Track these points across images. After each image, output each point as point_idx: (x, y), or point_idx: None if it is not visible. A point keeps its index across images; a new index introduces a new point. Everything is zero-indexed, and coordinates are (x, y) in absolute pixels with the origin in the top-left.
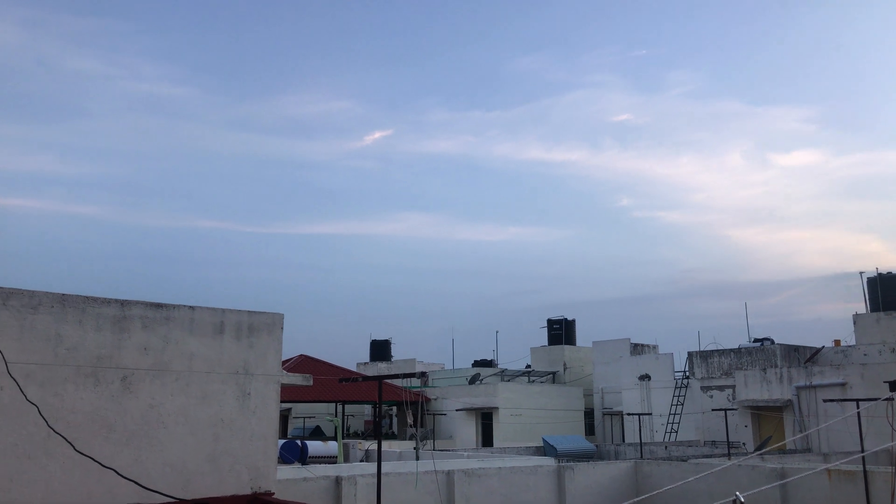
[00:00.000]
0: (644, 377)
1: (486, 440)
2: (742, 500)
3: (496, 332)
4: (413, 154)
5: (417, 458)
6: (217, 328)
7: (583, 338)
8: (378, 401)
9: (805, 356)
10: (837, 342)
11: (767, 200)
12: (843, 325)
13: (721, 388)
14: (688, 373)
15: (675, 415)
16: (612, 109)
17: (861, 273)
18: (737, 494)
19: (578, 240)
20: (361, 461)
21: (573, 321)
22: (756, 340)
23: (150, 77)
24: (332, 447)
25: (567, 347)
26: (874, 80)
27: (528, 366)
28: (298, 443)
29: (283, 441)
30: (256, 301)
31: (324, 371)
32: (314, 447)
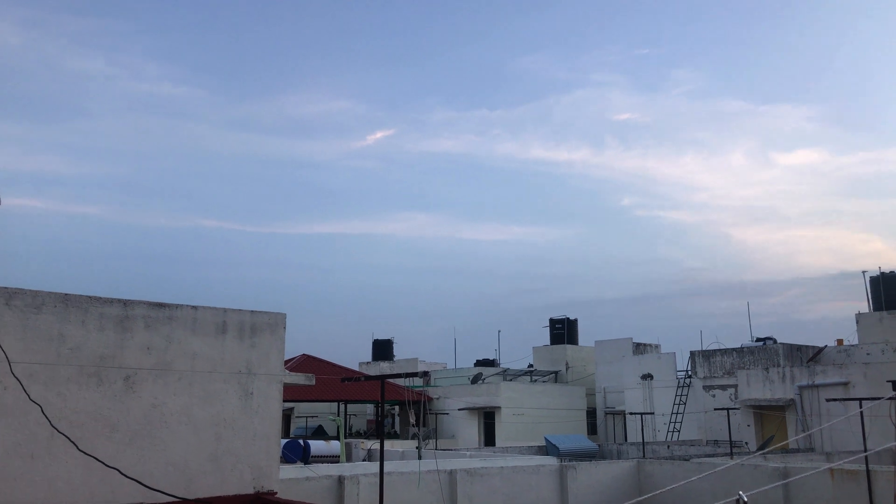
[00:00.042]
0: (646, 376)
1: (489, 440)
2: (745, 500)
3: (498, 332)
4: (415, 153)
5: (420, 458)
6: (219, 328)
7: (585, 337)
8: (380, 400)
9: (808, 355)
10: (840, 341)
11: (770, 199)
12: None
13: (723, 388)
14: (690, 372)
15: (678, 414)
16: (615, 108)
17: (864, 272)
18: (740, 494)
19: (581, 239)
20: (364, 461)
21: (575, 320)
22: (758, 340)
23: (152, 77)
24: (335, 447)
25: (569, 347)
26: (877, 79)
27: (531, 365)
28: (301, 442)
29: (286, 440)
30: (258, 301)
31: (326, 370)
32: (317, 447)
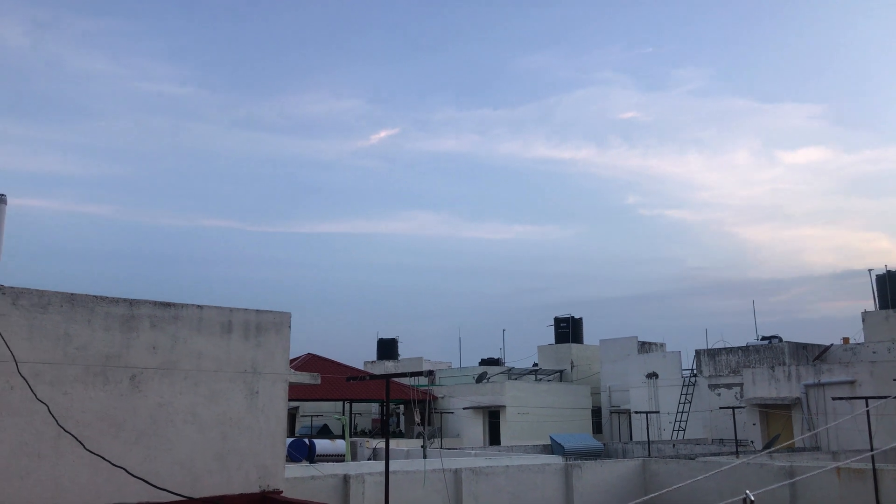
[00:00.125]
0: (651, 375)
1: (494, 438)
2: (752, 499)
3: (503, 331)
4: (419, 153)
5: (425, 457)
6: (225, 327)
7: (590, 336)
8: (385, 399)
9: (813, 354)
10: (846, 340)
11: (774, 198)
12: (852, 323)
13: (729, 386)
14: (695, 371)
15: (683, 413)
16: (619, 107)
17: (870, 270)
18: (747, 493)
19: (585, 238)
20: (369, 459)
21: (580, 319)
22: (764, 338)
23: (157, 77)
24: (340, 445)
25: (574, 346)
26: (881, 77)
27: (535, 364)
28: (306, 441)
29: (291, 439)
30: (263, 300)
31: (331, 370)
32: (322, 445)
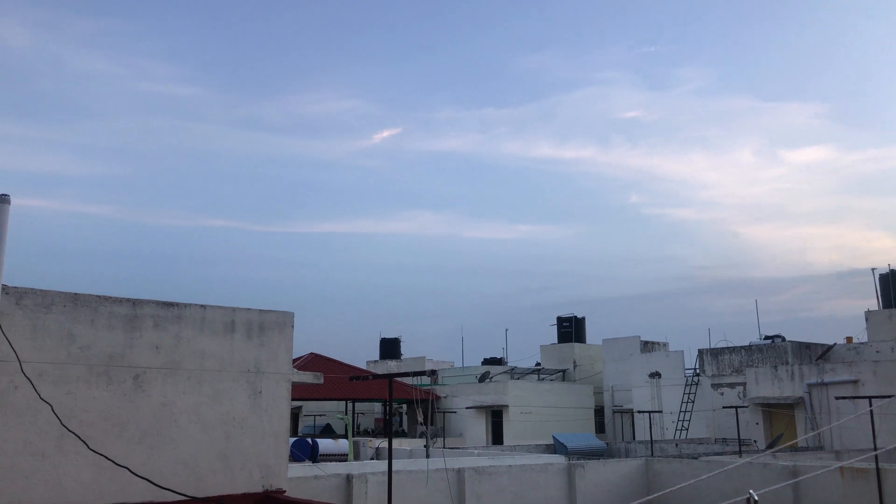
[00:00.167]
0: (654, 375)
1: (496, 438)
2: (756, 499)
3: (505, 330)
4: (421, 152)
5: (428, 456)
6: (228, 327)
7: (592, 335)
8: (388, 399)
9: (817, 353)
10: (849, 339)
11: (777, 197)
12: (855, 322)
13: (732, 386)
14: (698, 370)
15: (686, 412)
16: (622, 106)
17: (873, 270)
18: (750, 493)
19: (587, 237)
20: (372, 459)
21: (583, 319)
22: (767, 337)
23: (158, 77)
24: (343, 445)
25: (577, 345)
26: (884, 76)
27: (538, 364)
28: (309, 441)
29: (294, 439)
30: (265, 300)
31: (334, 369)
32: (325, 445)
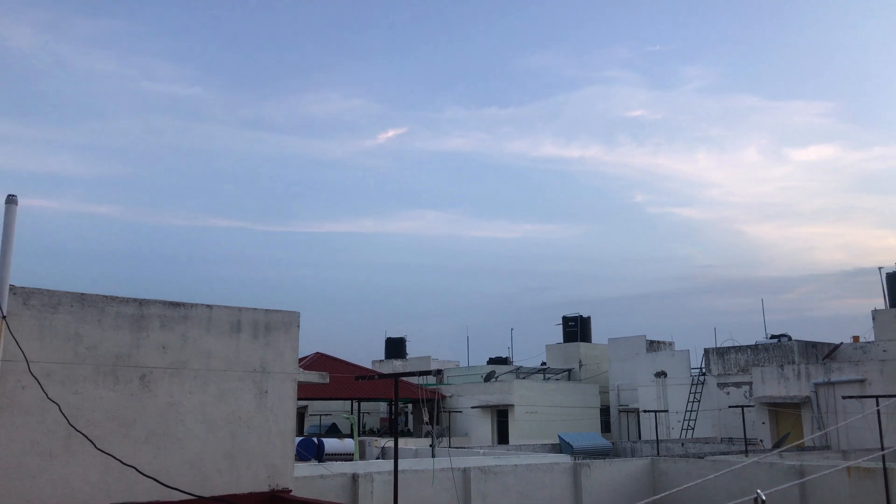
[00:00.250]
0: (660, 374)
1: (502, 437)
2: (763, 499)
3: (511, 330)
4: (426, 152)
5: (433, 456)
6: (234, 326)
7: (598, 335)
8: (394, 398)
9: (823, 352)
10: (856, 338)
11: (783, 195)
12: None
13: (738, 385)
14: (704, 369)
15: (692, 412)
16: (627, 105)
17: (879, 268)
18: (758, 492)
19: (592, 236)
20: (378, 458)
21: (588, 318)
22: (773, 337)
23: (161, 77)
24: (349, 444)
25: (582, 344)
26: (890, 74)
27: (544, 363)
28: (315, 440)
29: (300, 438)
30: (271, 299)
31: (339, 369)
32: (330, 444)
